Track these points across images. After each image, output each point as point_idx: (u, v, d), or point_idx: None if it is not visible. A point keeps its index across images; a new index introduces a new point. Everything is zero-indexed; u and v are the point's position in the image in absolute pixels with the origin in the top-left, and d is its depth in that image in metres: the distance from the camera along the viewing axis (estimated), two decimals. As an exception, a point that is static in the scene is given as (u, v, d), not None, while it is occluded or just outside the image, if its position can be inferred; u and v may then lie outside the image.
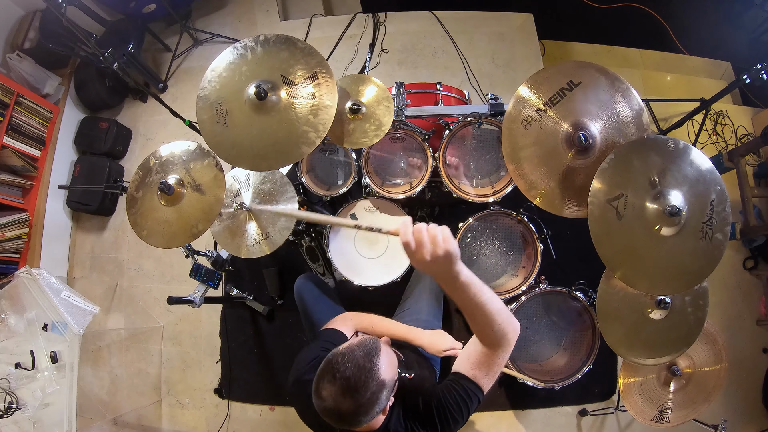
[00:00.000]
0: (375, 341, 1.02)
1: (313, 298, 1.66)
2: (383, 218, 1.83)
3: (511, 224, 1.80)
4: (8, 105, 2.31)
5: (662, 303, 1.44)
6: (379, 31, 2.86)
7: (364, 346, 1.00)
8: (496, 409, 2.25)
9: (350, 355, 0.97)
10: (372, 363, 0.96)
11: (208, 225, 1.45)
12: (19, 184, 2.46)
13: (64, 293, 1.92)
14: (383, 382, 0.97)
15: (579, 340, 1.76)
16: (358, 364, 0.95)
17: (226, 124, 1.39)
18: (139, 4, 2.70)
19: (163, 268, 2.66)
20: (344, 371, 0.94)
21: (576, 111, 1.34)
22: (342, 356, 0.97)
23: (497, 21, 2.87)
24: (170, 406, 2.48)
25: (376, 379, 0.96)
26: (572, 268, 1.89)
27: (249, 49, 1.41)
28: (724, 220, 1.21)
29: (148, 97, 2.92)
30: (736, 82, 1.77)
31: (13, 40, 2.55)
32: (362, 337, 1.05)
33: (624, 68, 2.95)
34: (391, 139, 1.77)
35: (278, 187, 1.75)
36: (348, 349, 0.99)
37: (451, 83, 1.96)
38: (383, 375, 0.97)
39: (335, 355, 0.99)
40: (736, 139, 2.80)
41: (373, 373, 0.95)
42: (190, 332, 2.54)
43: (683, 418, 1.70)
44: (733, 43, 3.07)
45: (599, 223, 1.22)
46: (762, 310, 2.52)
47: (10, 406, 1.73)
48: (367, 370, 0.95)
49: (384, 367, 0.98)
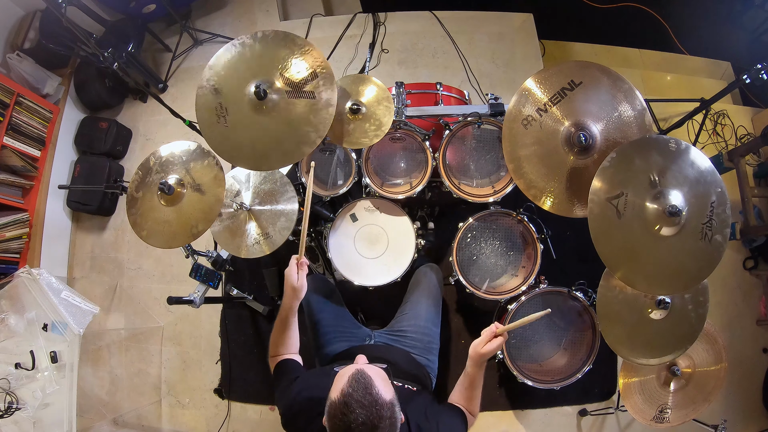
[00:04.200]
0: (361, 373, 0.99)
1: (317, 298, 1.66)
2: (383, 218, 1.83)
3: (511, 224, 1.80)
4: (8, 105, 2.31)
5: (662, 303, 1.44)
6: (379, 31, 2.86)
7: (356, 382, 0.97)
8: (496, 409, 2.25)
9: (350, 400, 0.94)
10: (373, 395, 0.94)
11: (208, 225, 1.45)
12: (19, 184, 2.46)
13: (64, 293, 1.92)
14: (391, 402, 0.97)
15: (579, 340, 1.76)
16: (363, 404, 0.93)
17: (226, 124, 1.39)
18: (139, 4, 2.70)
19: (163, 268, 2.66)
20: (356, 419, 0.91)
21: (577, 111, 1.34)
22: (344, 406, 0.94)
23: (497, 21, 2.87)
24: (170, 406, 2.48)
25: (385, 405, 0.94)
26: (572, 268, 1.89)
27: (247, 47, 1.41)
28: (723, 221, 1.21)
29: (148, 97, 2.92)
30: (736, 82, 1.77)
31: (13, 40, 2.55)
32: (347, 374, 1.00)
33: (624, 68, 2.95)
34: (391, 139, 1.77)
35: (278, 187, 1.75)
36: (344, 396, 0.95)
37: (451, 83, 1.96)
38: (386, 396, 0.96)
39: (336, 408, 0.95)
40: (736, 139, 2.80)
41: (379, 402, 0.94)
42: (190, 332, 2.54)
43: (683, 418, 1.70)
44: (733, 43, 3.07)
45: (599, 222, 1.22)
46: (762, 310, 2.52)
47: (10, 406, 1.73)
48: (373, 403, 0.93)
49: (383, 389, 0.97)
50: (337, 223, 1.83)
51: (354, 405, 0.93)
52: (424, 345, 1.61)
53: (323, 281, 1.77)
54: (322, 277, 1.87)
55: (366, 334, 1.68)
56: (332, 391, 0.99)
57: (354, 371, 1.00)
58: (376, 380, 0.98)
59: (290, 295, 1.34)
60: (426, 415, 1.17)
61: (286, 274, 1.34)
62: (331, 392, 0.99)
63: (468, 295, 1.77)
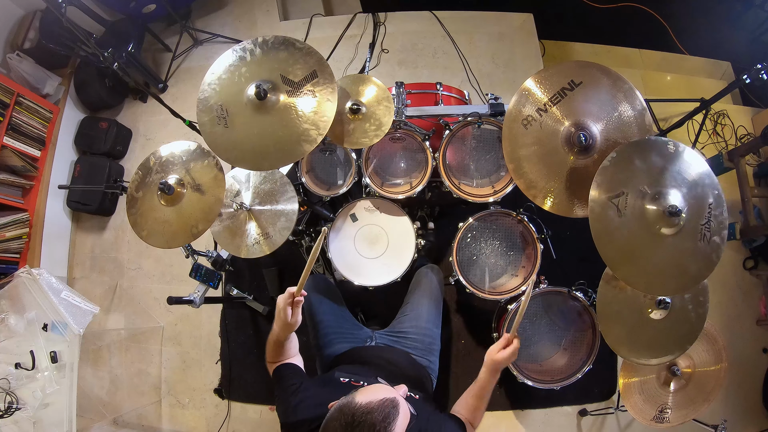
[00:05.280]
0: (395, 403, 0.96)
1: (318, 299, 1.66)
2: (383, 218, 1.83)
3: (511, 224, 1.80)
4: (8, 105, 2.31)
5: (662, 303, 1.43)
6: (379, 31, 2.86)
7: (385, 407, 0.94)
8: (496, 409, 2.25)
9: (368, 417, 0.91)
10: (388, 429, 0.91)
11: (208, 225, 1.45)
12: (19, 184, 2.46)
13: (64, 293, 1.92)
14: None
15: (579, 340, 1.76)
16: (375, 429, 0.90)
17: (227, 125, 1.39)
18: (139, 4, 2.70)
19: (163, 268, 2.66)
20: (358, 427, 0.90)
21: (577, 111, 1.34)
22: (360, 415, 0.91)
23: (497, 21, 2.87)
24: (170, 406, 2.48)
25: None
26: (572, 268, 1.89)
27: (248, 51, 1.42)
28: (721, 223, 1.22)
29: (148, 97, 2.92)
30: (736, 82, 1.77)
31: (13, 40, 2.55)
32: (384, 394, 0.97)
33: (624, 68, 2.95)
34: (391, 139, 1.77)
35: (278, 187, 1.75)
36: (367, 409, 0.92)
37: (451, 83, 1.96)
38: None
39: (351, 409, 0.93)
40: (736, 139, 2.80)
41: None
42: (190, 332, 2.54)
43: (683, 418, 1.70)
44: (733, 43, 3.07)
45: (600, 221, 1.22)
46: (762, 310, 2.52)
47: (10, 406, 1.73)
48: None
49: (400, 428, 0.94)
50: (337, 223, 1.83)
51: (367, 422, 0.90)
52: (425, 346, 1.61)
53: (324, 281, 1.77)
54: (322, 276, 1.87)
55: (367, 335, 1.68)
56: (359, 394, 0.97)
57: (392, 397, 0.97)
58: (400, 418, 0.95)
59: (283, 329, 1.25)
60: (428, 420, 1.16)
61: (279, 308, 1.23)
62: (358, 394, 0.97)
63: (468, 295, 1.77)
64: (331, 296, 1.71)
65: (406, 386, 1.17)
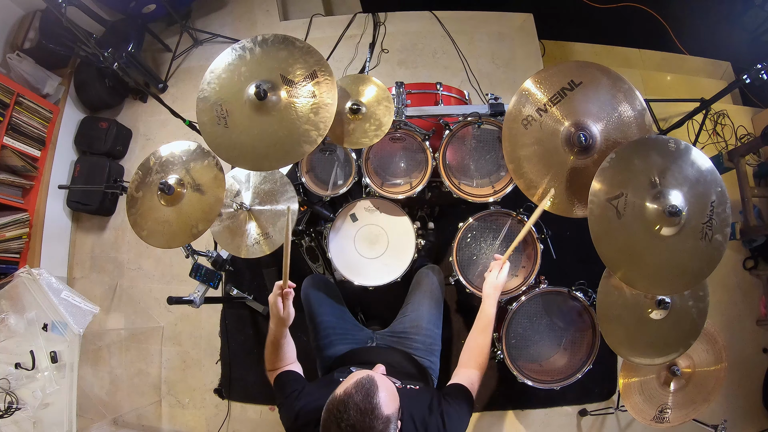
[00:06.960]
0: (370, 379, 0.99)
1: (318, 299, 1.66)
2: (383, 218, 1.83)
3: (511, 224, 1.80)
4: (8, 105, 2.31)
5: (662, 303, 1.43)
6: (379, 31, 2.86)
7: (361, 386, 0.97)
8: (496, 409, 2.25)
9: (349, 401, 0.94)
10: (372, 403, 0.94)
11: (208, 225, 1.45)
12: (19, 184, 2.46)
13: (64, 293, 1.92)
14: (388, 418, 0.96)
15: (579, 340, 1.76)
16: (360, 409, 0.93)
17: (227, 125, 1.39)
18: (139, 4, 2.70)
19: (163, 268, 2.66)
20: (347, 419, 0.92)
21: (576, 111, 1.34)
22: (342, 404, 0.95)
23: (497, 21, 2.87)
24: (170, 406, 2.48)
25: (381, 418, 0.94)
26: (572, 268, 1.89)
27: (247, 50, 1.41)
28: (724, 221, 1.21)
29: (148, 97, 2.92)
30: (736, 82, 1.77)
31: (13, 40, 2.55)
32: (357, 376, 1.01)
33: (624, 68, 2.95)
34: (391, 139, 1.77)
35: (278, 187, 1.75)
36: (345, 395, 0.96)
37: (451, 83, 1.96)
38: (386, 411, 0.96)
39: (334, 404, 0.96)
40: (736, 139, 2.80)
41: (376, 413, 0.94)
42: (190, 332, 2.54)
43: (683, 418, 1.70)
44: (733, 43, 3.07)
45: (599, 222, 1.22)
46: (762, 310, 2.52)
47: (10, 406, 1.73)
48: (369, 411, 0.93)
49: (385, 402, 0.96)
50: (337, 223, 1.83)
51: (350, 406, 0.93)
52: (426, 347, 1.61)
53: (324, 281, 1.77)
54: (322, 277, 1.87)
55: (367, 336, 1.68)
56: (338, 387, 1.00)
57: (364, 375, 1.00)
58: (382, 392, 0.98)
59: (278, 324, 1.28)
60: (430, 407, 1.16)
61: (271, 304, 1.27)
62: (338, 388, 1.00)
63: (468, 295, 1.77)
64: (332, 297, 1.71)
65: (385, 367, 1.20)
